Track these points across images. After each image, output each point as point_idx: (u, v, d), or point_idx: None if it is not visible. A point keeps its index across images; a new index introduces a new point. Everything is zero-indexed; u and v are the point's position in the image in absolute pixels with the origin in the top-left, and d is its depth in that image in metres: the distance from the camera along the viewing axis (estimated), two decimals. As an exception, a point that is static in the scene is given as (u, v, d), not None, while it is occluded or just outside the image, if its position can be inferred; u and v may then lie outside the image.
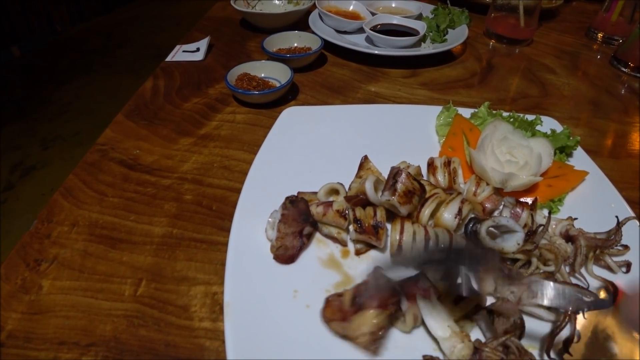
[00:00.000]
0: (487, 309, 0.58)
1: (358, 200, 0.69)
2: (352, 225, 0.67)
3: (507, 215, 0.70)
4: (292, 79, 1.06)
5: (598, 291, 0.64)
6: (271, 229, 0.68)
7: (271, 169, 0.82)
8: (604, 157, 0.98)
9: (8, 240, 2.28)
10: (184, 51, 1.32)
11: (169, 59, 1.29)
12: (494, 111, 0.95)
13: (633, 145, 1.03)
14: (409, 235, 0.65)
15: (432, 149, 0.91)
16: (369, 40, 1.37)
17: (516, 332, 0.55)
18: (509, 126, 0.84)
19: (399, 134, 0.93)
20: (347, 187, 0.77)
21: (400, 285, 0.59)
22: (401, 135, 0.93)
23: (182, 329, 0.61)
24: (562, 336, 0.55)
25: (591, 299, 0.59)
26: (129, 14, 5.09)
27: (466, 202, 0.69)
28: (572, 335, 0.55)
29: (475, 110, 0.96)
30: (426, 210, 0.69)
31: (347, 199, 0.70)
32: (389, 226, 0.69)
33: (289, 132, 0.91)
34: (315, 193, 0.75)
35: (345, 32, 1.41)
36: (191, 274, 0.68)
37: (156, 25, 4.80)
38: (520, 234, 0.64)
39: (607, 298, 0.62)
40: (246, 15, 1.46)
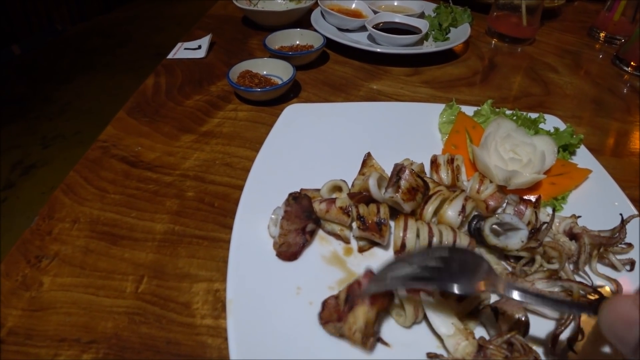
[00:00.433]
0: (492, 306, 0.57)
1: (361, 197, 0.69)
2: (355, 222, 0.67)
3: (510, 212, 0.70)
4: (294, 76, 1.06)
5: (602, 289, 0.63)
6: (274, 225, 0.68)
7: (274, 166, 0.81)
8: (606, 155, 0.97)
9: (8, 239, 2.27)
10: (185, 49, 1.31)
11: (170, 56, 1.28)
12: (496, 109, 0.95)
13: (635, 144, 1.03)
14: (412, 233, 0.64)
15: (435, 146, 0.91)
16: (371, 38, 1.37)
17: (520, 329, 0.55)
18: (512, 124, 0.83)
19: (401, 132, 0.93)
20: (350, 184, 0.77)
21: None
22: (404, 132, 0.93)
23: (183, 326, 0.61)
24: (566, 334, 0.55)
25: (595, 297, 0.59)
26: (129, 13, 5.09)
27: (469, 200, 0.69)
28: (576, 333, 0.55)
29: (478, 108, 0.95)
30: (430, 208, 0.68)
31: (350, 196, 0.70)
32: (392, 223, 0.69)
33: (291, 129, 0.91)
34: (318, 190, 0.75)
35: (348, 30, 1.41)
36: (193, 271, 0.68)
37: (156, 24, 4.80)
38: (524, 232, 0.64)
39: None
40: (248, 13, 1.45)
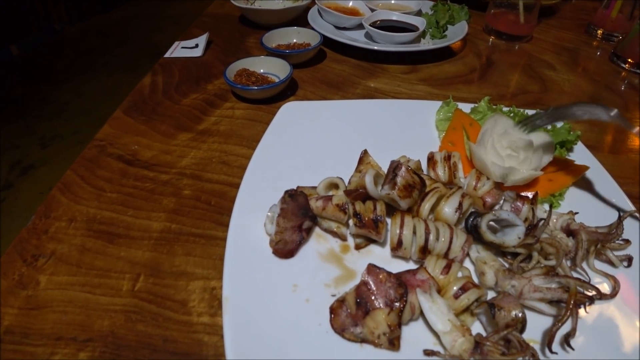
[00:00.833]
0: (489, 302, 0.57)
1: (358, 194, 0.69)
2: (351, 220, 0.67)
3: (507, 209, 0.70)
4: (291, 74, 1.06)
5: (599, 285, 0.63)
6: (270, 223, 0.67)
7: (270, 164, 0.81)
8: (604, 152, 0.97)
9: (6, 239, 2.27)
10: (182, 47, 1.31)
11: (167, 55, 1.28)
12: (494, 106, 0.94)
13: (633, 141, 1.03)
14: (409, 229, 0.64)
15: (432, 143, 0.90)
16: (368, 36, 1.37)
17: (517, 326, 0.54)
18: (510, 120, 0.83)
19: (398, 129, 0.93)
20: (346, 182, 0.76)
21: (398, 277, 0.59)
22: (401, 130, 0.93)
23: (180, 324, 0.61)
24: (563, 330, 0.55)
25: (593, 293, 0.59)
26: (127, 12, 5.08)
27: (466, 197, 0.69)
28: (573, 329, 0.55)
29: (475, 105, 0.95)
30: (426, 205, 0.68)
31: (346, 193, 0.69)
32: (389, 220, 0.69)
33: (288, 126, 0.90)
34: (315, 187, 0.75)
35: (345, 29, 1.41)
36: (189, 269, 0.68)
37: (155, 24, 4.79)
38: (521, 228, 0.64)
39: (609, 292, 0.62)
40: (245, 12, 1.45)
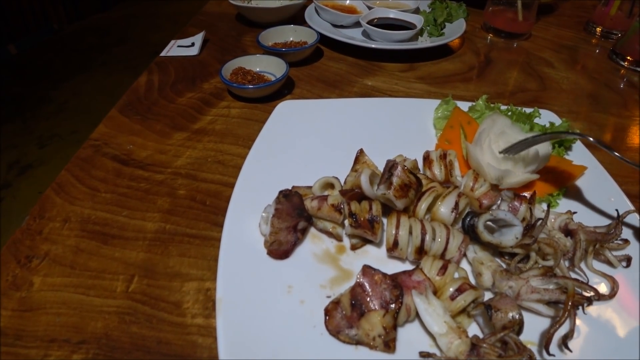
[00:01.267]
0: (485, 304, 0.56)
1: (353, 194, 0.68)
2: (347, 220, 0.66)
3: (505, 208, 0.69)
4: (287, 72, 1.05)
5: (598, 286, 0.62)
6: (265, 223, 0.67)
7: (266, 164, 0.80)
8: (603, 151, 0.96)
9: (5, 239, 2.25)
10: (178, 46, 1.30)
11: (163, 53, 1.27)
12: (492, 104, 0.94)
13: (632, 139, 1.02)
14: (405, 230, 0.63)
15: (429, 142, 0.90)
16: (365, 34, 1.36)
17: (515, 327, 0.54)
18: (507, 120, 0.82)
19: (395, 128, 0.92)
20: (342, 181, 0.76)
21: (394, 279, 0.58)
22: (398, 128, 0.92)
23: (174, 326, 0.60)
24: (561, 332, 0.54)
25: (591, 294, 0.58)
26: (125, 11, 5.06)
27: (463, 196, 0.68)
28: (571, 331, 0.54)
29: (473, 103, 0.94)
30: (423, 204, 0.67)
31: (342, 193, 0.69)
32: (385, 220, 0.68)
33: (283, 126, 0.90)
34: (310, 187, 0.74)
35: (342, 27, 1.40)
36: (184, 270, 0.67)
37: (153, 23, 4.77)
38: (518, 228, 0.63)
39: (607, 293, 0.61)
40: (242, 10, 1.44)
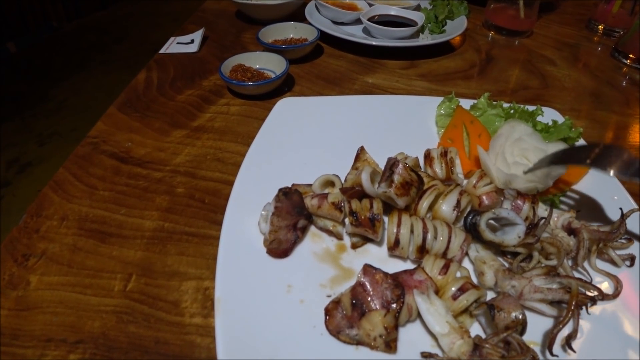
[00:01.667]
0: (488, 304, 0.56)
1: (354, 192, 0.67)
2: (347, 218, 0.65)
3: (508, 207, 0.68)
4: (287, 69, 1.04)
5: (601, 285, 0.62)
6: (264, 222, 0.66)
7: (265, 161, 0.80)
8: (606, 149, 0.96)
9: (5, 237, 2.25)
10: (178, 43, 1.29)
11: (162, 50, 1.27)
12: (494, 102, 0.93)
13: (635, 137, 1.01)
14: (406, 228, 0.63)
15: (431, 140, 0.89)
16: (366, 31, 1.35)
17: (517, 328, 0.53)
18: (528, 128, 0.78)
19: (396, 125, 0.91)
20: (343, 179, 0.75)
21: (395, 278, 0.57)
22: (399, 126, 0.91)
23: (172, 325, 0.59)
24: (565, 332, 0.54)
25: (595, 293, 0.57)
26: (125, 9, 5.05)
27: (465, 194, 0.67)
28: (575, 331, 0.54)
29: (475, 101, 0.93)
30: (424, 203, 0.67)
31: (342, 191, 0.68)
32: (386, 219, 0.67)
33: (283, 123, 0.89)
34: (311, 185, 0.73)
35: (342, 24, 1.39)
36: (182, 269, 0.67)
37: (153, 21, 4.76)
38: (521, 227, 0.62)
39: (611, 292, 0.61)
40: (242, 7, 1.43)
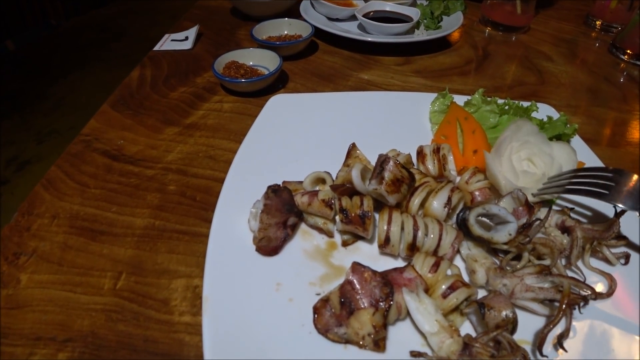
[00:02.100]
0: (478, 302, 0.55)
1: (344, 190, 0.66)
2: (338, 216, 0.65)
3: (509, 209, 0.67)
4: (280, 66, 1.03)
5: (595, 284, 0.61)
6: (254, 219, 0.65)
7: (256, 158, 0.79)
8: (602, 145, 0.95)
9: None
10: (172, 40, 1.29)
11: (157, 48, 1.26)
12: (489, 98, 0.92)
13: (632, 134, 1.00)
14: (397, 226, 0.62)
15: (425, 137, 0.88)
16: (361, 27, 1.34)
17: (508, 326, 0.53)
18: (533, 127, 0.76)
19: (390, 122, 0.90)
20: (334, 177, 0.74)
21: (384, 276, 0.57)
22: (393, 123, 0.90)
23: (161, 324, 0.59)
24: (557, 331, 0.53)
25: (588, 292, 0.57)
26: (123, 7, 5.03)
27: (456, 191, 0.67)
28: (567, 330, 0.53)
29: (469, 97, 0.93)
30: (416, 200, 0.66)
31: (333, 188, 0.67)
32: (376, 216, 0.67)
33: (275, 120, 0.88)
34: (301, 182, 0.73)
35: (337, 20, 1.38)
36: (172, 267, 0.66)
37: (151, 18, 4.75)
38: (513, 225, 0.62)
39: (605, 291, 0.60)
40: (236, 4, 1.42)
